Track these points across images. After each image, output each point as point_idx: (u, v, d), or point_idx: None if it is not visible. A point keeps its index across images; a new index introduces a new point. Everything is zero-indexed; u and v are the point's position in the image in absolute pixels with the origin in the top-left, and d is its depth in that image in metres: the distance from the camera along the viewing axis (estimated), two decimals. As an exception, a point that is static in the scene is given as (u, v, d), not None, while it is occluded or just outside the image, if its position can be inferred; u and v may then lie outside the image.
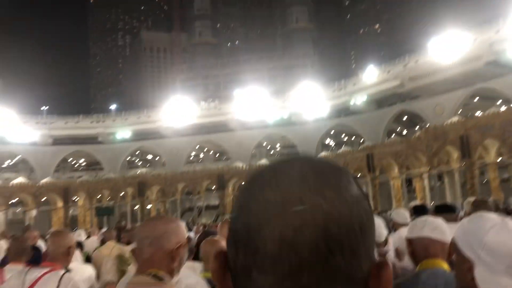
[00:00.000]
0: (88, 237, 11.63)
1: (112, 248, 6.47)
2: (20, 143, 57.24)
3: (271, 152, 64.14)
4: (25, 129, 57.58)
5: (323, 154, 49.43)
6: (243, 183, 0.70)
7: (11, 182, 52.70)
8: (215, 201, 57.05)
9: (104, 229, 13.90)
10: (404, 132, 54.59)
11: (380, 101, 51.80)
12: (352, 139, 58.54)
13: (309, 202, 0.54)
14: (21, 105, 77.54)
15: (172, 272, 1.94)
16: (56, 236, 3.33)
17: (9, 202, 51.51)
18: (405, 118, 52.82)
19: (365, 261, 0.55)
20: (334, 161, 0.63)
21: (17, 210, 56.68)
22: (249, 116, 56.55)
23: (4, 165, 61.77)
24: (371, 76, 50.80)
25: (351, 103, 51.78)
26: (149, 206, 55.78)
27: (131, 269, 3.79)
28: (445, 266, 2.40)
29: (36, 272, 2.98)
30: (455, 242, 1.67)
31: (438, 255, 2.42)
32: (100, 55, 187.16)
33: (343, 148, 49.01)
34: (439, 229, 2.49)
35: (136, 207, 54.73)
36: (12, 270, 3.78)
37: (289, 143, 59.32)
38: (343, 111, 54.10)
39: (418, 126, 49.56)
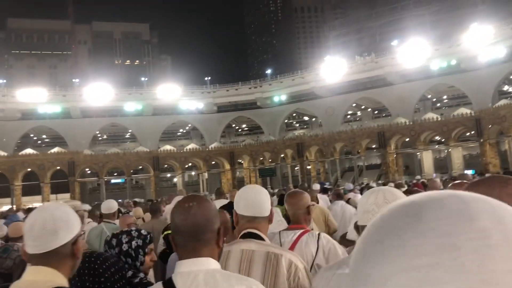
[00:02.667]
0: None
1: (314, 208, 7.26)
2: (190, 113, 62.43)
3: (437, 105, 58.34)
4: (192, 100, 62.51)
5: (502, 103, 42.93)
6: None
7: (185, 148, 58.00)
8: (376, 160, 54.68)
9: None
10: None
11: None
12: (539, 83, 49.78)
13: (193, 209, 1.72)
14: (188, 77, 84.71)
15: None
16: (293, 198, 3.31)
17: (185, 166, 56.93)
18: None
19: (214, 228, 1.74)
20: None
21: (192, 173, 62.65)
22: (410, 67, 51.84)
23: (178, 133, 68.43)
24: None
25: (537, 40, 43.51)
26: (308, 167, 56.17)
27: None
28: None
29: (291, 234, 3.04)
30: None
31: None
32: (254, 23, 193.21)
33: (528, 94, 41.76)
34: None
35: (296, 168, 55.59)
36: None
37: (458, 93, 53.09)
38: (525, 51, 45.92)
39: None
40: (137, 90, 63.06)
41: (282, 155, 55.53)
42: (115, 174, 59.88)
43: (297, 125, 68.38)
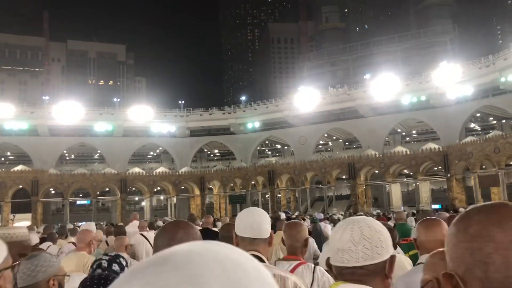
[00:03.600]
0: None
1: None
2: (161, 136, 61.69)
3: (407, 139, 59.56)
4: (165, 123, 61.88)
5: (468, 139, 44.11)
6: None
7: (154, 171, 57.00)
8: (346, 191, 54.97)
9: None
10: None
11: (539, 77, 44.40)
12: (503, 122, 51.48)
13: (178, 234, 1.86)
14: (162, 100, 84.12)
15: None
16: (293, 230, 3.29)
17: (154, 190, 55.80)
18: None
19: None
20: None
21: (161, 197, 61.43)
22: (381, 100, 52.95)
23: (149, 156, 67.36)
24: (527, 48, 43.65)
25: (502, 80, 45.17)
26: (279, 195, 55.95)
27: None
28: None
29: (287, 265, 3.02)
30: None
31: None
32: (231, 50, 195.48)
33: (493, 133, 43.04)
34: None
35: (267, 195, 55.32)
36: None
37: (427, 128, 54.39)
38: (491, 91, 47.58)
39: None
40: (108, 111, 62.08)
41: (253, 182, 55.22)
42: (81, 195, 58.13)
43: (270, 152, 68.46)
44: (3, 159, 60.94)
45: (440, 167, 45.81)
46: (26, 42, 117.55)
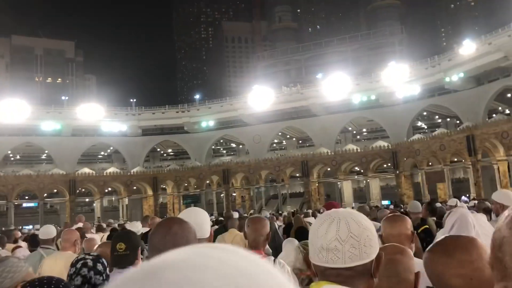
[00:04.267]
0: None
1: (235, 236, 7.15)
2: (112, 135, 60.00)
3: (357, 137, 61.13)
4: (116, 122, 60.23)
5: (416, 137, 45.81)
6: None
7: (105, 172, 55.40)
8: (299, 189, 55.71)
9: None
10: (507, 111, 48.98)
11: (480, 77, 46.75)
12: (448, 120, 53.85)
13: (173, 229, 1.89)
14: (113, 98, 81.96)
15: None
16: (257, 224, 3.42)
17: (104, 191, 54.26)
18: (510, 95, 47.41)
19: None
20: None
21: (112, 198, 59.83)
22: (333, 99, 54.04)
23: (99, 156, 65.40)
24: (469, 50, 45.84)
25: (446, 80, 47.26)
26: (234, 194, 55.88)
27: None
28: None
29: None
30: None
31: None
32: (184, 48, 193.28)
33: (439, 131, 44.93)
34: None
35: (222, 194, 55.11)
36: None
37: (377, 126, 56.05)
38: (436, 90, 49.71)
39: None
40: (56, 109, 59.69)
41: (207, 182, 54.84)
42: (27, 197, 55.59)
43: (224, 151, 68.24)
44: None
45: (389, 164, 47.32)
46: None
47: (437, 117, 55.71)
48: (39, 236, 6.52)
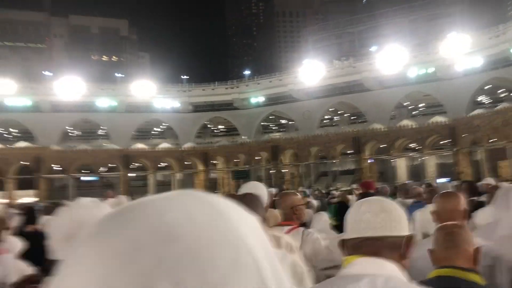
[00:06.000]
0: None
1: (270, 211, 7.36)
2: (165, 111, 61.05)
3: (413, 113, 58.44)
4: (168, 98, 61.17)
5: (476, 112, 43.08)
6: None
7: (158, 147, 56.58)
8: (351, 166, 54.38)
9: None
10: None
11: (551, 47, 43.04)
12: (513, 94, 50.30)
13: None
14: (165, 75, 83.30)
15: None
16: (284, 196, 3.78)
17: (157, 166, 55.53)
18: None
19: None
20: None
21: (165, 173, 61.22)
22: (388, 73, 51.75)
23: (152, 132, 66.88)
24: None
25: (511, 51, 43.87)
26: (283, 170, 55.44)
27: None
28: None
29: (282, 229, 3.42)
30: None
31: None
32: (235, 25, 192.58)
33: (502, 105, 41.92)
34: None
35: (271, 171, 54.87)
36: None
37: (434, 101, 53.23)
38: (501, 62, 46.21)
39: None
40: (110, 86, 61.38)
41: (257, 158, 54.73)
42: (85, 171, 57.98)
43: (274, 127, 67.70)
44: (5, 135, 60.75)
45: (446, 141, 44.94)
46: (28, 17, 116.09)
47: (501, 91, 52.04)
48: None
